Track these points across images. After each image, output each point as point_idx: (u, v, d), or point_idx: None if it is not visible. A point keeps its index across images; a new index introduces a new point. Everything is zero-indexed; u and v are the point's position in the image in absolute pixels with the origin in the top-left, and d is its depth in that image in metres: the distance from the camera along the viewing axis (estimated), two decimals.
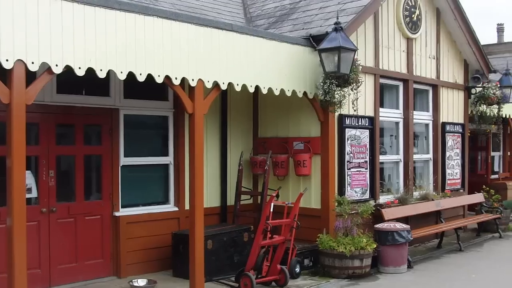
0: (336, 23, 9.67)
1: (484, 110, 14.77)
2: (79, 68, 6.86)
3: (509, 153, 19.65)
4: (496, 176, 19.87)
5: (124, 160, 9.72)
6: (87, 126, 9.49)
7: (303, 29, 10.93)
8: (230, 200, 11.02)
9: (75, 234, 9.17)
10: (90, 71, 6.99)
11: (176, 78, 7.91)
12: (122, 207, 9.72)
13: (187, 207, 9.43)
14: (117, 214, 9.58)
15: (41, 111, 8.70)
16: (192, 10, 11.43)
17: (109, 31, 7.16)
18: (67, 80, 7.92)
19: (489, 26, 66.98)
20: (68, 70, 6.82)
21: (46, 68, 6.68)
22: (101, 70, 7.07)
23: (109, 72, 7.24)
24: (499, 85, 14.80)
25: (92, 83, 8.16)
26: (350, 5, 10.99)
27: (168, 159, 10.36)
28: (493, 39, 30.37)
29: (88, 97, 9.28)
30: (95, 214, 9.42)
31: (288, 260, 9.41)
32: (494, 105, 14.77)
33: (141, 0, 10.34)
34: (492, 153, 20.00)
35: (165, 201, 10.40)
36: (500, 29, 30.03)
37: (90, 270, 9.31)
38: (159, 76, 7.71)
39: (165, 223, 10.03)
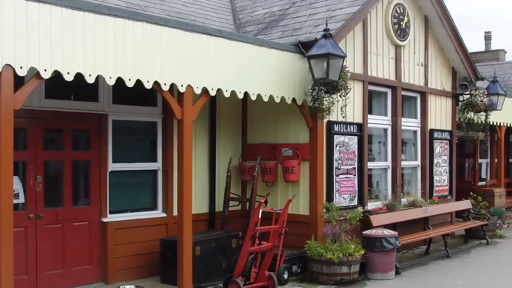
0: (325, 30, 9.71)
1: (472, 117, 14.87)
2: (68, 73, 6.84)
3: (496, 160, 19.75)
4: (483, 183, 20.01)
5: (112, 166, 9.68)
6: (76, 131, 9.45)
7: (292, 35, 10.96)
8: (219, 206, 11.01)
9: (62, 240, 9.11)
10: (79, 76, 6.98)
11: (165, 84, 7.92)
12: (110, 213, 9.68)
13: (175, 213, 9.41)
14: (105, 220, 9.53)
15: (29, 116, 8.65)
16: (182, 16, 11.44)
17: (98, 36, 7.15)
18: (56, 85, 7.88)
19: (477, 34, 67.39)
20: (57, 75, 6.80)
21: (34, 73, 6.66)
22: (90, 75, 7.06)
23: (98, 77, 7.23)
24: (486, 93, 14.92)
25: (80, 88, 8.13)
26: (339, 12, 11.04)
27: (157, 165, 10.34)
28: (481, 47, 30.56)
29: (77, 102, 9.25)
30: (83, 220, 9.37)
31: (276, 266, 9.40)
32: (482, 112, 14.87)
33: (131, 6, 10.35)
34: (480, 160, 20.14)
35: (154, 207, 10.37)
36: (487, 37, 30.22)
37: (78, 276, 9.25)
38: (148, 81, 7.71)
39: (153, 229, 9.99)
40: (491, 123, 15.95)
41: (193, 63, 8.31)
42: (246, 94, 9.16)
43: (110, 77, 7.28)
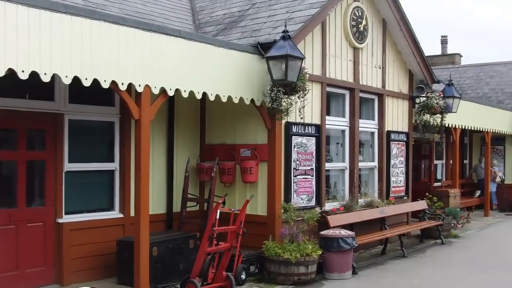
0: (284, 32, 9.75)
1: (428, 119, 15.10)
2: (23, 71, 6.73)
3: (451, 162, 20.11)
4: (439, 183, 20.36)
5: (68, 166, 9.56)
6: (30, 131, 9.30)
7: (251, 36, 10.98)
8: (177, 207, 10.95)
9: (16, 241, 8.95)
10: (34, 75, 6.87)
11: (122, 84, 7.86)
12: (66, 213, 9.55)
13: (132, 213, 9.35)
14: (60, 220, 9.40)
15: None
16: (140, 16, 11.36)
17: (54, 34, 7.06)
18: (10, 84, 7.74)
19: (435, 38, 68.58)
20: (11, 73, 6.68)
21: None
22: (45, 74, 6.96)
23: (54, 76, 7.14)
24: (442, 95, 15.18)
25: (36, 87, 8.01)
26: (298, 14, 11.10)
27: (114, 165, 10.24)
28: (438, 51, 31.14)
29: (32, 101, 9.10)
30: (38, 221, 9.22)
31: (234, 266, 9.40)
32: (438, 115, 15.12)
33: (88, 4, 10.23)
34: (435, 161, 20.49)
35: (110, 207, 10.27)
36: (444, 41, 30.82)
37: (32, 278, 9.09)
38: (105, 81, 7.64)
39: (110, 230, 9.89)
40: (447, 125, 16.21)
41: (152, 63, 8.26)
42: (204, 94, 9.15)
43: (66, 76, 7.20)
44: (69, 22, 7.23)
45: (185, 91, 8.77)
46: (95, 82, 7.54)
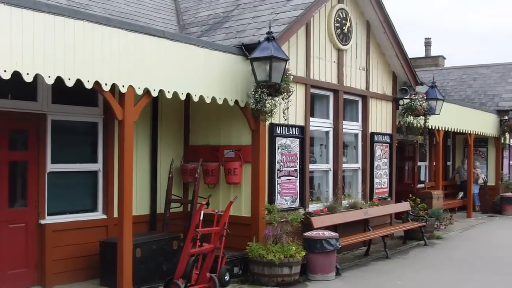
0: (268, 33, 9.76)
1: (411, 121, 15.18)
2: (5, 71, 6.68)
3: (434, 163, 20.23)
4: (422, 185, 20.50)
5: (51, 167, 9.49)
6: (13, 131, 9.22)
7: (236, 37, 10.98)
8: (160, 208, 10.92)
9: None
10: (16, 75, 6.82)
11: (106, 84, 7.83)
12: (49, 214, 9.48)
13: (115, 214, 9.30)
14: (43, 222, 9.33)
15: None
16: (124, 16, 11.32)
17: (37, 34, 7.01)
18: None
19: (419, 40, 68.98)
20: None
21: None
22: (27, 74, 6.92)
23: (37, 76, 7.09)
24: (425, 97, 15.25)
25: (19, 87, 7.95)
26: (283, 16, 11.12)
27: (97, 166, 10.18)
28: (421, 53, 31.33)
29: (14, 101, 9.03)
30: (20, 222, 9.14)
31: (217, 268, 9.38)
32: (421, 117, 15.19)
33: (72, 4, 10.18)
34: (419, 163, 20.62)
35: (93, 208, 10.21)
36: (427, 43, 31.00)
37: (14, 279, 9.01)
38: (88, 81, 7.61)
39: (93, 231, 9.83)
40: (430, 127, 16.33)
41: (135, 64, 8.24)
42: (188, 95, 9.13)
43: (49, 76, 7.15)
44: (52, 22, 7.18)
45: (169, 92, 8.76)
46: (78, 82, 7.50)
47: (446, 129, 18.19)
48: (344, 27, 12.77)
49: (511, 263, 12.50)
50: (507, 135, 22.75)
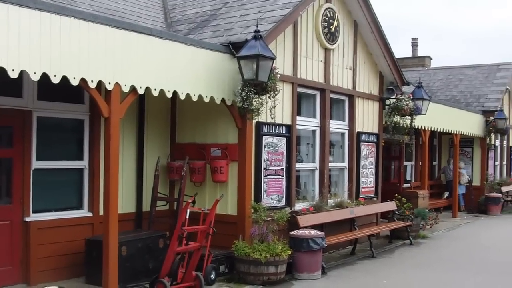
0: (255, 31, 9.75)
1: (398, 121, 15.23)
2: None
3: (420, 163, 20.31)
4: (408, 185, 20.57)
5: (36, 164, 9.43)
6: None
7: (223, 36, 10.96)
8: (146, 206, 10.89)
9: None
10: (2, 71, 6.77)
11: (92, 81, 7.79)
12: (34, 212, 9.41)
13: (101, 212, 9.27)
14: (28, 219, 9.27)
15: None
16: (111, 13, 11.26)
17: (22, 30, 6.96)
18: None
19: (405, 40, 69.31)
20: None
21: None
22: (13, 70, 6.87)
23: (22, 73, 7.04)
24: (412, 97, 15.32)
25: (4, 83, 7.89)
26: (270, 14, 11.11)
27: (83, 164, 10.13)
28: (408, 53, 31.49)
29: None
30: (4, 219, 9.07)
31: (203, 266, 9.37)
32: (407, 116, 15.24)
33: (58, 0, 10.11)
34: (405, 163, 20.69)
35: (79, 206, 10.16)
36: (414, 44, 31.19)
37: None
38: (74, 78, 7.57)
39: (78, 229, 9.78)
40: (416, 127, 16.39)
41: (122, 61, 8.20)
42: (175, 93, 9.11)
43: (35, 73, 7.11)
44: (38, 18, 7.14)
45: (155, 89, 8.73)
46: (64, 79, 7.45)
47: (432, 129, 18.27)
48: (331, 27, 12.78)
49: (496, 262, 12.57)
50: (492, 135, 22.92)
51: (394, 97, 15.00)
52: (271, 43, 10.52)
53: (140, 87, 8.50)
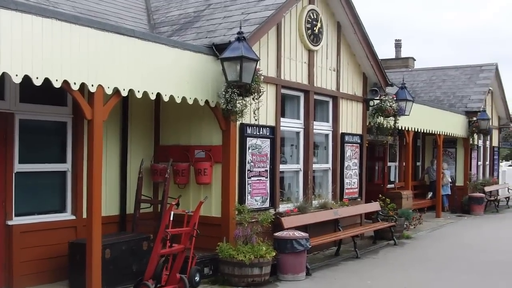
0: (239, 33, 9.75)
1: (382, 122, 15.30)
2: None
3: (404, 164, 20.40)
4: (392, 185, 20.66)
5: (18, 167, 9.35)
6: None
7: (206, 37, 10.95)
8: (130, 209, 10.84)
9: None
10: None
11: (75, 83, 7.75)
12: (16, 215, 9.33)
13: (85, 215, 9.23)
14: (10, 223, 9.19)
15: None
16: (94, 14, 11.22)
17: (3, 32, 6.91)
18: None
19: (388, 41, 69.62)
20: None
21: None
22: None
23: (4, 75, 6.98)
24: (395, 98, 15.41)
25: None
26: (254, 16, 11.12)
27: (66, 166, 10.07)
28: (392, 54, 31.63)
29: None
30: None
31: (188, 268, 9.35)
32: (391, 117, 15.34)
33: (40, 2, 10.05)
34: (389, 164, 20.77)
35: (62, 209, 10.08)
36: (398, 45, 31.34)
37: None
38: (57, 80, 7.52)
39: (61, 232, 9.72)
40: (400, 128, 16.47)
41: (105, 63, 8.16)
42: (158, 95, 9.08)
43: (17, 75, 7.05)
44: (19, 20, 7.08)
45: (138, 91, 8.70)
46: (47, 81, 7.40)
47: (416, 130, 18.38)
48: (315, 28, 12.81)
49: (480, 261, 12.66)
50: (475, 136, 23.07)
51: (377, 98, 15.07)
52: (254, 44, 10.52)
53: (124, 89, 8.46)
